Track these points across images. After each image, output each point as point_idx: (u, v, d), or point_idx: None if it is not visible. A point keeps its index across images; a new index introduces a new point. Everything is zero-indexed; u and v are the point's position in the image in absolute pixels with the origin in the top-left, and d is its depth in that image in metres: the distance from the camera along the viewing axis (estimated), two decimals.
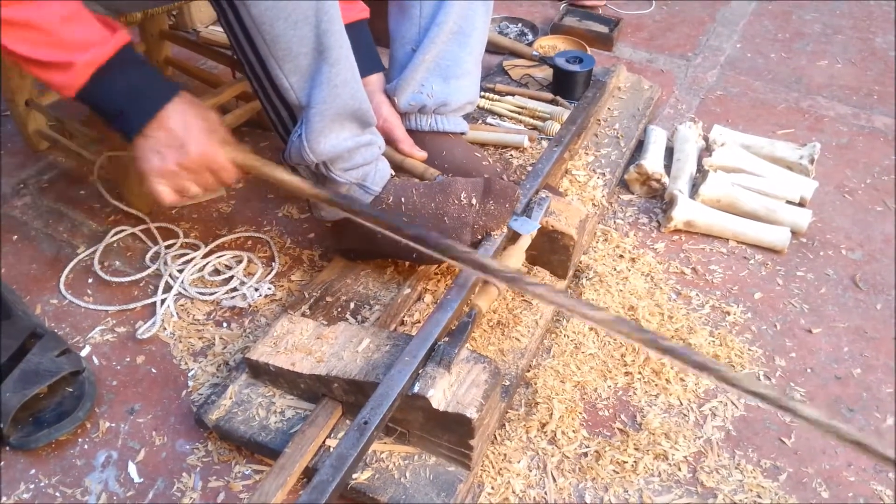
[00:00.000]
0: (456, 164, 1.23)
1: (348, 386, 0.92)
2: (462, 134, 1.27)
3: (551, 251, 1.14)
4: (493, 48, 1.75)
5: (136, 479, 0.97)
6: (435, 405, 0.85)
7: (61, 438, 1.00)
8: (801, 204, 1.41)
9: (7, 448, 1.00)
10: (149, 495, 0.95)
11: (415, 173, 1.16)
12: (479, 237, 1.05)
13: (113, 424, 1.04)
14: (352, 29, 0.97)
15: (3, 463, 0.99)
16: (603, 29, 1.90)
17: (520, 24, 1.93)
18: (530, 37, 1.88)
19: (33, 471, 0.98)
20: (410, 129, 1.23)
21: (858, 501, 0.97)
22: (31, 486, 0.96)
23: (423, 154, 1.18)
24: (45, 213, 1.37)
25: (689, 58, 1.89)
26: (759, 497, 0.96)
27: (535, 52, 1.69)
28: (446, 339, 0.91)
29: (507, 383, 1.01)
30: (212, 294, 1.20)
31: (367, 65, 1.16)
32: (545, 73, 1.65)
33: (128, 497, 0.95)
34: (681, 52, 1.91)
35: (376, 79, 1.21)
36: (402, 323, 1.09)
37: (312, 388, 0.96)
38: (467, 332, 0.91)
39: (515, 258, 1.03)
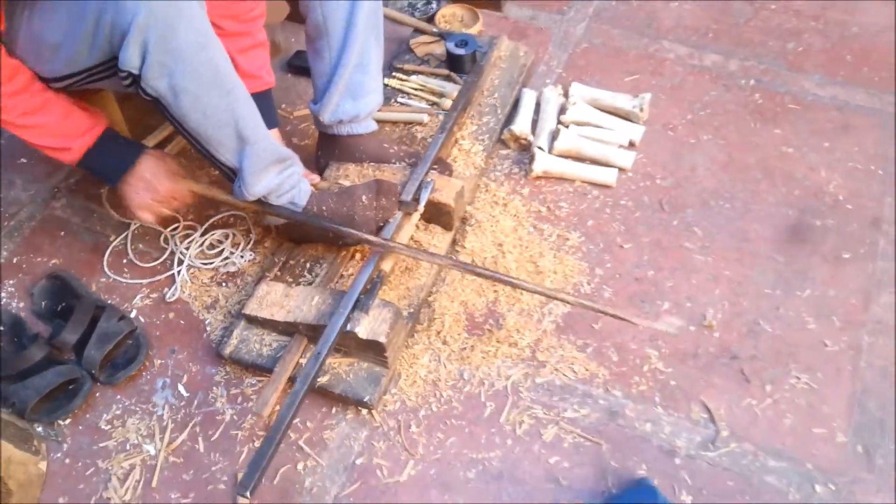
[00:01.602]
0: (370, 155, 1.72)
1: (308, 328, 1.48)
2: (373, 131, 1.75)
3: (438, 214, 1.66)
4: (400, 24, 2.17)
5: (185, 394, 1.55)
6: (361, 336, 1.41)
7: (132, 375, 1.57)
8: (631, 145, 1.92)
9: (98, 384, 1.57)
10: (194, 402, 1.54)
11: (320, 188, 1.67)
12: (381, 224, 1.57)
13: (162, 361, 1.61)
14: (256, 98, 1.42)
15: (98, 394, 1.56)
16: None
17: None
18: (435, 5, 2.28)
19: (119, 396, 1.56)
20: (334, 134, 1.71)
21: (636, 361, 1.56)
22: (120, 406, 1.54)
23: (315, 177, 1.68)
24: (80, 210, 1.86)
25: (564, 12, 2.30)
26: (573, 364, 1.56)
27: (434, 29, 2.12)
28: (365, 294, 1.46)
29: (412, 310, 1.57)
30: (211, 263, 1.73)
31: (268, 124, 1.49)
32: (443, 49, 2.08)
33: (182, 405, 1.54)
34: (558, 7, 2.32)
35: (274, 133, 1.66)
36: (342, 276, 1.64)
37: (287, 329, 1.52)
38: (377, 289, 1.46)
39: (407, 229, 1.56)
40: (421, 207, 1.59)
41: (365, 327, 1.42)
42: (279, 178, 1.49)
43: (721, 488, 1.42)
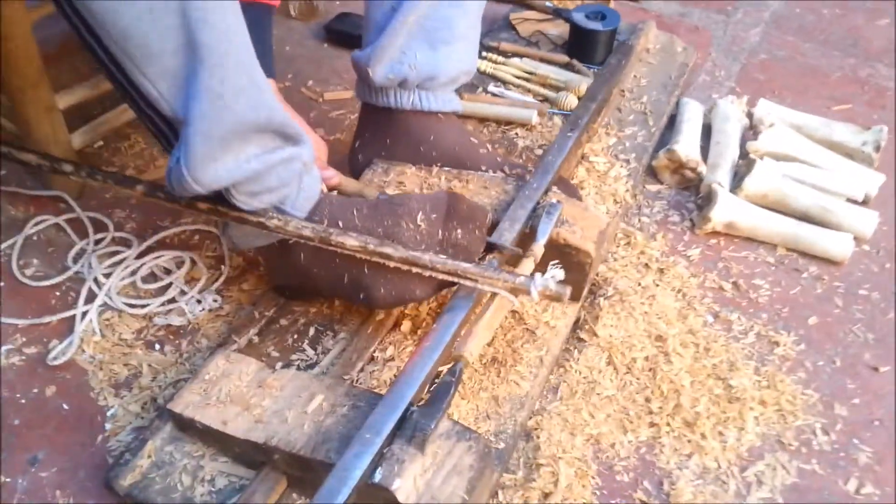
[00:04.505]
0: (446, 153, 0.99)
1: (292, 460, 0.70)
2: (454, 113, 1.02)
3: (564, 267, 0.91)
4: None
5: None
6: (402, 500, 0.64)
7: None
8: (864, 202, 1.17)
9: None
10: None
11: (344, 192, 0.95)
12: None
13: (9, 479, 0.83)
14: (245, 11, 0.71)
15: None
16: None
17: None
18: None
19: None
20: (389, 107, 0.98)
21: None
22: None
23: (337, 179, 0.93)
24: None
25: (728, 13, 1.61)
26: None
27: (548, 3, 1.43)
28: (421, 403, 0.70)
29: (502, 445, 0.80)
30: (144, 306, 0.98)
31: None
32: (560, 29, 1.38)
33: None
34: (718, 5, 1.63)
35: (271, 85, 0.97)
36: (373, 359, 0.87)
37: (250, 455, 0.74)
38: (449, 397, 0.69)
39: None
40: (541, 247, 0.84)
41: (413, 480, 0.65)
42: (262, 159, 0.75)
43: None
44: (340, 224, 0.82)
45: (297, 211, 0.81)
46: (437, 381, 0.72)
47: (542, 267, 0.84)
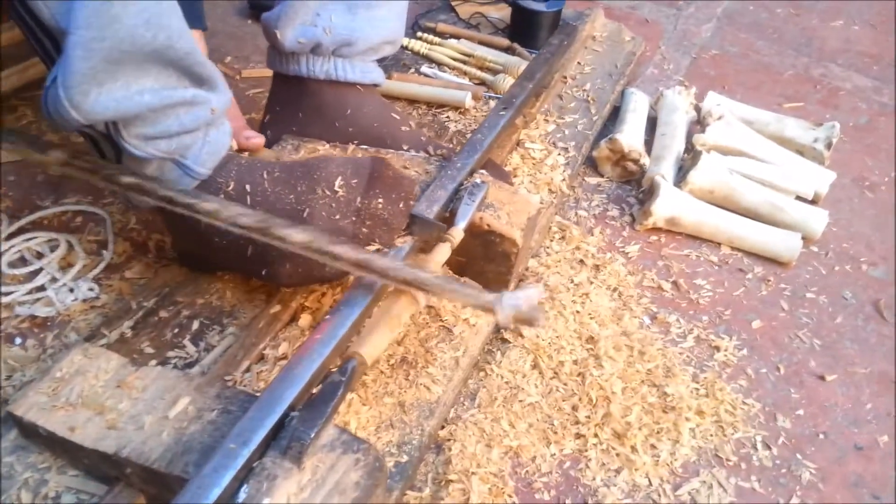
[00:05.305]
0: (363, 129, 0.88)
1: (147, 475, 0.59)
2: (375, 86, 0.92)
3: (486, 258, 0.81)
4: None
5: None
6: None
7: None
8: (815, 201, 1.11)
9: None
10: None
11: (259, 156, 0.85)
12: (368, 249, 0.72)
13: None
14: None
15: None
16: None
17: None
18: None
19: None
20: (300, 75, 0.88)
21: None
22: None
23: (260, 140, 0.84)
24: None
25: (679, 7, 1.56)
26: None
27: None
28: (304, 406, 0.59)
29: (406, 458, 0.69)
30: (8, 294, 0.85)
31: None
32: (502, 13, 1.30)
33: None
34: None
35: (197, 36, 0.88)
36: (262, 358, 0.76)
37: (101, 467, 0.63)
38: (336, 400, 0.59)
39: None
40: (460, 231, 0.75)
41: (286, 500, 0.54)
42: (159, 94, 0.64)
43: None
44: (248, 187, 0.72)
45: (199, 166, 0.70)
46: (330, 379, 0.62)
47: (460, 251, 0.74)
